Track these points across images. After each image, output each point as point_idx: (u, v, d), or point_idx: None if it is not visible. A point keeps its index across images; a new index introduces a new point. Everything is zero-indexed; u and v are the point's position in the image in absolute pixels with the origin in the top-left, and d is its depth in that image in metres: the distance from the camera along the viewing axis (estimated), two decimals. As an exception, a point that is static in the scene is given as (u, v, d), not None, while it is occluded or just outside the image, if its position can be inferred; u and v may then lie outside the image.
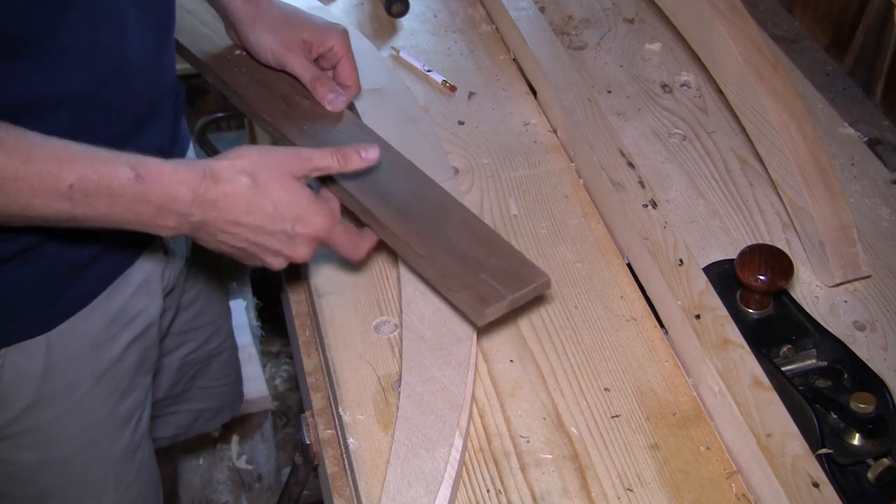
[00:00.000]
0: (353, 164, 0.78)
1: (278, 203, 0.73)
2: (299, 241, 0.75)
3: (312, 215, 0.75)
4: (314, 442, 0.86)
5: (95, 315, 0.89)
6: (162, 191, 0.69)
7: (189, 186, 0.70)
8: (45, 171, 0.66)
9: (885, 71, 1.15)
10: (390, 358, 0.82)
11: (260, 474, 1.91)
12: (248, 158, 0.74)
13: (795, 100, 0.96)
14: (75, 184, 0.67)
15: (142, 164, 0.69)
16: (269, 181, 0.73)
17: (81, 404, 0.93)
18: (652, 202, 0.92)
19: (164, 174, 0.70)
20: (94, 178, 0.67)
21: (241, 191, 0.72)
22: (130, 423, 1.00)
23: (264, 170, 0.73)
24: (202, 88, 2.52)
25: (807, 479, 0.69)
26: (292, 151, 0.76)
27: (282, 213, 0.74)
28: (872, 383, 0.79)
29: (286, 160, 0.75)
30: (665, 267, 0.85)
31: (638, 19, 1.27)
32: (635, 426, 0.78)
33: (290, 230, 0.74)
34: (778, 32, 1.28)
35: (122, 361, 0.95)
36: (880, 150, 1.09)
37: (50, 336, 0.86)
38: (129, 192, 0.68)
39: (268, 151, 0.75)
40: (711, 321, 0.81)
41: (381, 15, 1.23)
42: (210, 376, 1.26)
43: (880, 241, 0.96)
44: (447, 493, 0.69)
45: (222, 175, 0.72)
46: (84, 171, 0.67)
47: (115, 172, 0.68)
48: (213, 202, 0.71)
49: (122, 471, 1.01)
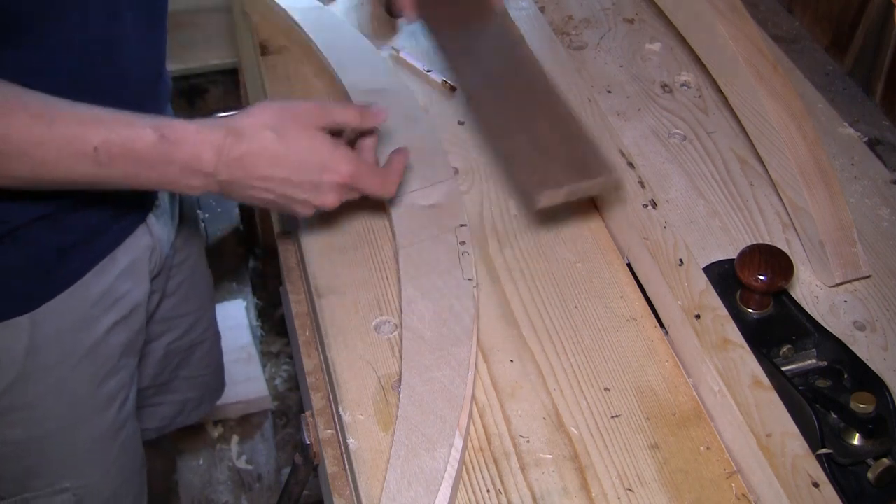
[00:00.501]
0: (369, 121, 0.80)
1: (303, 153, 0.74)
2: (326, 188, 0.76)
3: (337, 162, 0.76)
4: (314, 442, 0.86)
5: (80, 295, 0.90)
6: (187, 152, 0.71)
7: (214, 146, 0.71)
8: (70, 135, 0.68)
9: (885, 71, 1.15)
10: (390, 358, 0.82)
11: (260, 474, 1.91)
12: (270, 112, 0.75)
13: (795, 100, 0.96)
14: (100, 146, 0.68)
15: (166, 126, 0.70)
16: (293, 133, 0.74)
17: (65, 382, 0.94)
18: (652, 202, 0.92)
19: (189, 135, 0.71)
20: (118, 141, 0.69)
21: (266, 145, 0.73)
22: (115, 403, 1.01)
23: (287, 121, 0.75)
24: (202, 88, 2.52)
25: (807, 479, 0.69)
26: (313, 104, 0.77)
27: (308, 163, 0.75)
28: (872, 383, 0.79)
29: (307, 111, 0.76)
30: (665, 267, 0.85)
31: (638, 19, 1.27)
32: (635, 426, 0.78)
33: (317, 179, 0.75)
34: (778, 32, 1.28)
35: (106, 342, 0.96)
36: (880, 150, 1.09)
37: (34, 315, 0.87)
38: (153, 153, 0.70)
39: (288, 105, 0.76)
40: (711, 321, 0.81)
41: (381, 15, 1.23)
42: (193, 365, 1.27)
43: (880, 241, 0.96)
44: (447, 493, 0.69)
45: (246, 132, 0.73)
46: (108, 133, 0.69)
47: (139, 135, 0.69)
48: (239, 160, 0.72)
49: (106, 449, 1.02)
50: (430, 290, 0.83)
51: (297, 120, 0.75)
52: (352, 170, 0.77)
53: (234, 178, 0.73)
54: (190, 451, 1.94)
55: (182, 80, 2.44)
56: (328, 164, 0.76)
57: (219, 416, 1.98)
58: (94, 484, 1.03)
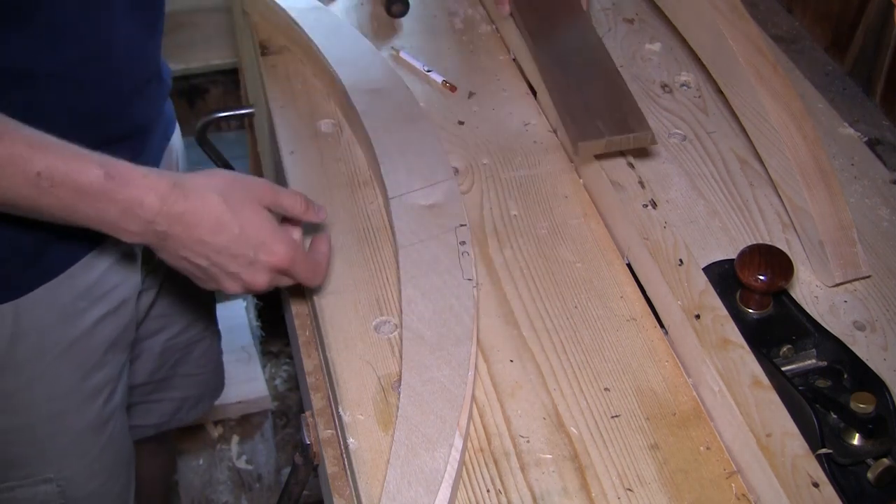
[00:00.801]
0: (311, 216, 0.81)
1: (245, 226, 0.74)
2: (260, 267, 0.76)
3: (276, 243, 0.75)
4: (314, 442, 0.86)
5: (66, 287, 0.90)
6: (129, 193, 0.70)
7: (159, 194, 0.71)
8: (17, 154, 0.67)
9: (885, 71, 1.15)
10: (390, 358, 0.82)
11: (260, 474, 1.92)
12: (221, 178, 0.75)
13: (795, 100, 0.96)
14: (43, 172, 0.68)
15: (113, 165, 0.70)
16: (240, 203, 0.74)
17: (49, 373, 0.94)
18: (652, 202, 0.92)
19: (135, 177, 0.70)
20: (63, 169, 0.68)
21: (210, 208, 0.73)
22: (100, 396, 1.01)
23: (237, 191, 0.74)
24: (202, 88, 2.52)
25: (807, 479, 0.69)
26: (263, 182, 0.78)
27: (247, 237, 0.74)
28: (872, 383, 0.79)
29: (258, 187, 0.76)
30: (665, 267, 0.85)
31: (638, 19, 1.27)
32: (635, 426, 0.78)
33: (253, 256, 0.75)
34: (778, 32, 1.28)
35: (92, 335, 0.96)
36: (880, 150, 1.09)
37: (18, 303, 0.87)
38: (96, 188, 0.69)
39: (240, 176, 0.77)
40: (711, 321, 0.81)
41: (381, 15, 1.23)
42: (192, 364, 1.27)
43: (880, 241, 0.96)
44: (447, 493, 0.69)
45: (194, 190, 0.72)
46: (54, 160, 0.68)
47: (85, 167, 0.69)
48: (181, 216, 0.72)
49: (89, 443, 1.03)
50: (429, 290, 0.83)
51: (247, 192, 0.75)
52: (290, 255, 0.76)
53: (172, 232, 0.73)
54: (190, 451, 1.94)
55: (182, 80, 2.44)
56: (268, 244, 0.75)
57: (219, 416, 1.98)
58: (78, 476, 1.03)
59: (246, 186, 0.76)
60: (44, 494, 1.01)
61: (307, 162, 1.02)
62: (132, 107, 0.89)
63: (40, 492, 1.01)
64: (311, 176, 1.00)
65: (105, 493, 1.07)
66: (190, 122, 1.82)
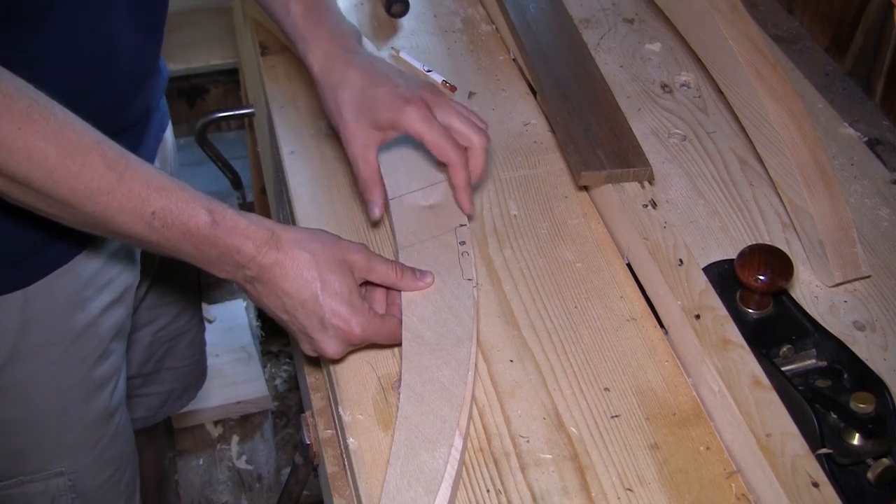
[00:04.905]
0: (406, 286, 0.81)
1: (326, 290, 0.75)
2: (332, 333, 0.76)
3: (353, 315, 0.76)
4: (314, 442, 0.86)
5: (72, 275, 0.92)
6: (232, 241, 0.73)
7: (255, 243, 0.74)
8: (136, 193, 0.70)
9: (885, 71, 1.15)
10: (390, 358, 0.82)
11: (260, 474, 1.92)
12: (317, 238, 0.77)
13: (795, 100, 0.96)
14: (157, 212, 0.71)
15: (219, 212, 0.73)
16: (327, 266, 0.76)
17: (57, 363, 0.95)
18: (652, 202, 0.92)
19: (239, 226, 0.73)
20: (175, 212, 0.71)
21: (297, 263, 0.75)
22: (107, 387, 1.03)
23: (329, 254, 0.76)
24: (202, 88, 2.52)
25: (807, 479, 0.69)
26: (360, 249, 0.79)
27: (324, 301, 0.75)
28: (872, 383, 0.79)
29: (351, 255, 0.78)
30: (665, 267, 0.85)
31: (638, 19, 1.27)
32: (635, 426, 0.78)
33: (328, 319, 0.76)
34: (778, 32, 1.28)
35: (97, 325, 0.97)
36: (880, 150, 1.09)
37: (27, 292, 0.89)
38: (202, 233, 0.72)
39: (341, 242, 0.78)
40: (711, 321, 0.81)
41: (381, 15, 1.23)
42: (178, 356, 1.29)
43: (880, 241, 0.96)
44: (447, 493, 0.69)
45: (288, 242, 0.75)
46: (168, 202, 0.71)
47: (195, 212, 0.72)
48: (270, 266, 0.75)
49: (98, 433, 1.04)
50: (429, 290, 0.83)
51: (338, 257, 0.77)
52: (361, 331, 0.76)
53: (259, 279, 0.75)
54: (190, 451, 1.94)
55: (182, 80, 2.44)
56: (343, 314, 0.76)
57: (219, 416, 1.98)
58: (89, 468, 1.04)
59: (340, 251, 0.77)
60: (55, 488, 1.02)
61: (307, 162, 1.02)
62: (133, 101, 0.91)
63: (52, 486, 1.02)
64: (311, 176, 1.00)
65: (113, 485, 1.08)
66: (190, 122, 1.82)
